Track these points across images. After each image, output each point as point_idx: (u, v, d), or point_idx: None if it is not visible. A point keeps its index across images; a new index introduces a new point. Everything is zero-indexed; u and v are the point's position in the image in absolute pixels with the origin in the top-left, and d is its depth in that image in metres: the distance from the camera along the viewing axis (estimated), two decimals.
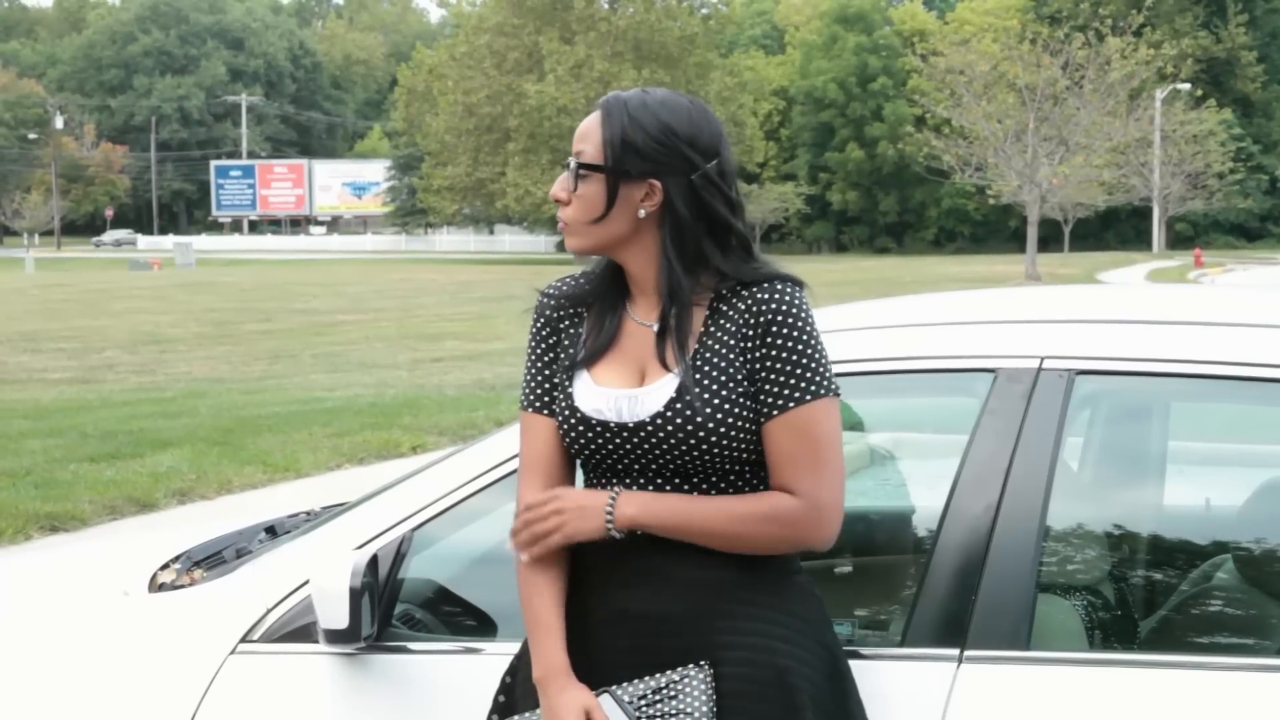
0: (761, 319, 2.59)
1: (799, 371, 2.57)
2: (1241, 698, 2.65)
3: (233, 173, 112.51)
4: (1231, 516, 3.54)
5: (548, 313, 2.76)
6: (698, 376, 2.58)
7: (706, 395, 2.57)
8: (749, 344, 2.59)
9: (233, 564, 3.41)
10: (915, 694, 2.73)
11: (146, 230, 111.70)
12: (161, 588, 3.40)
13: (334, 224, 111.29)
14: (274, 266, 64.05)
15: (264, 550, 3.42)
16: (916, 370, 3.09)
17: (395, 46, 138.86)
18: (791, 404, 2.56)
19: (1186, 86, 62.11)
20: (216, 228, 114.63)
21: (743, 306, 2.60)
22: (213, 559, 3.56)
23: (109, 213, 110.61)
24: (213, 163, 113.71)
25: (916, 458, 4.25)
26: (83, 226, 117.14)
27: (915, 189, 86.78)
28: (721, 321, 2.61)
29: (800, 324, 2.58)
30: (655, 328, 2.64)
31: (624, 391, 2.62)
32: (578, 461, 2.72)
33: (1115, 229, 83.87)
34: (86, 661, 3.19)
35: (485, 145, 72.17)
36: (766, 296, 2.60)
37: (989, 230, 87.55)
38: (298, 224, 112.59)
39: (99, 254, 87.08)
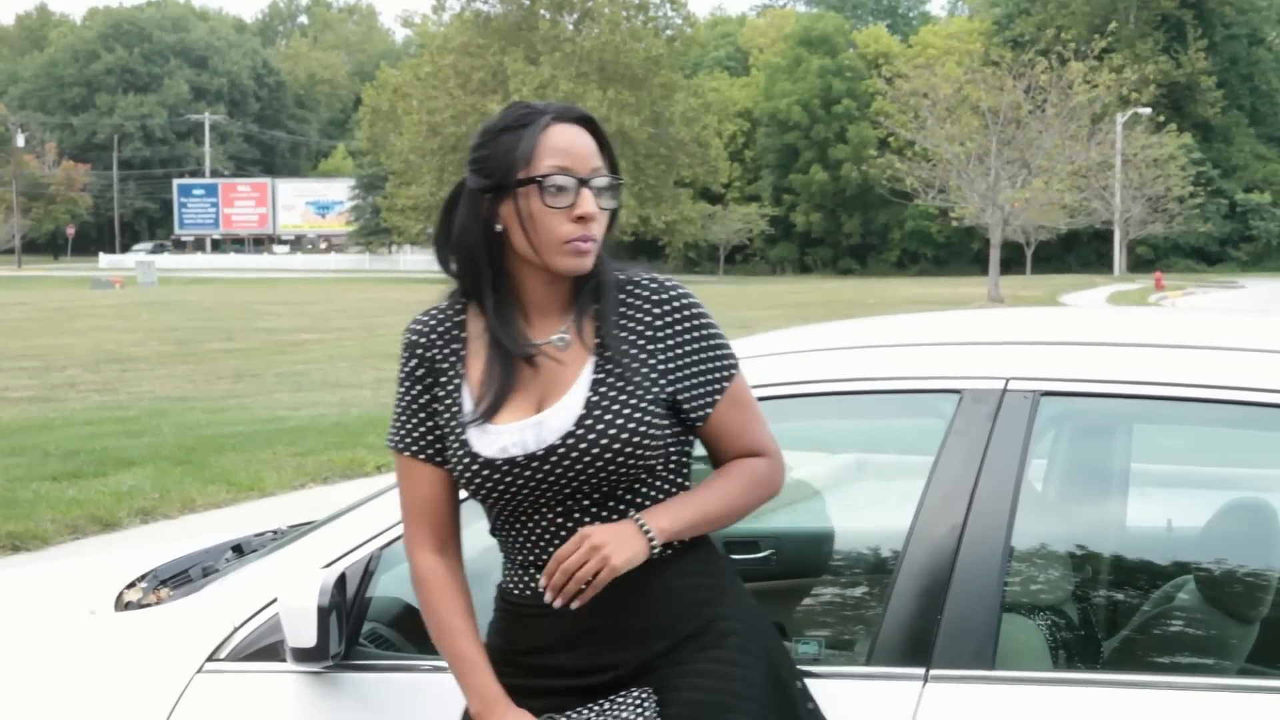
0: (668, 314, 2.63)
1: (721, 351, 2.65)
2: (1203, 717, 2.68)
3: (196, 191, 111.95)
4: (1193, 538, 3.57)
5: (419, 351, 2.69)
6: (611, 379, 2.58)
7: (624, 397, 2.57)
8: (663, 343, 2.62)
9: (199, 582, 3.40)
10: (881, 713, 2.75)
11: (108, 249, 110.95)
12: (128, 606, 3.38)
13: (297, 243, 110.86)
14: (237, 285, 63.79)
15: (231, 569, 3.42)
16: (882, 391, 3.11)
17: (359, 66, 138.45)
18: (727, 382, 2.64)
19: (1147, 111, 62.47)
20: (179, 246, 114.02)
21: (637, 303, 2.63)
22: (179, 577, 3.55)
23: (70, 231, 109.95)
24: (175, 181, 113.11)
25: (882, 478, 4.27)
26: (44, 245, 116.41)
27: (879, 211, 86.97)
28: (622, 321, 2.63)
29: (700, 307, 2.66)
30: (562, 338, 2.62)
31: (527, 422, 2.58)
32: (463, 503, 2.72)
33: (1077, 252, 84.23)
34: (52, 681, 3.18)
35: (449, 165, 72.00)
36: (658, 286, 2.65)
37: (952, 252, 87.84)
38: (261, 243, 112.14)
39: (61, 272, 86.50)
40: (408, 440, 2.68)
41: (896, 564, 2.88)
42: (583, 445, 2.53)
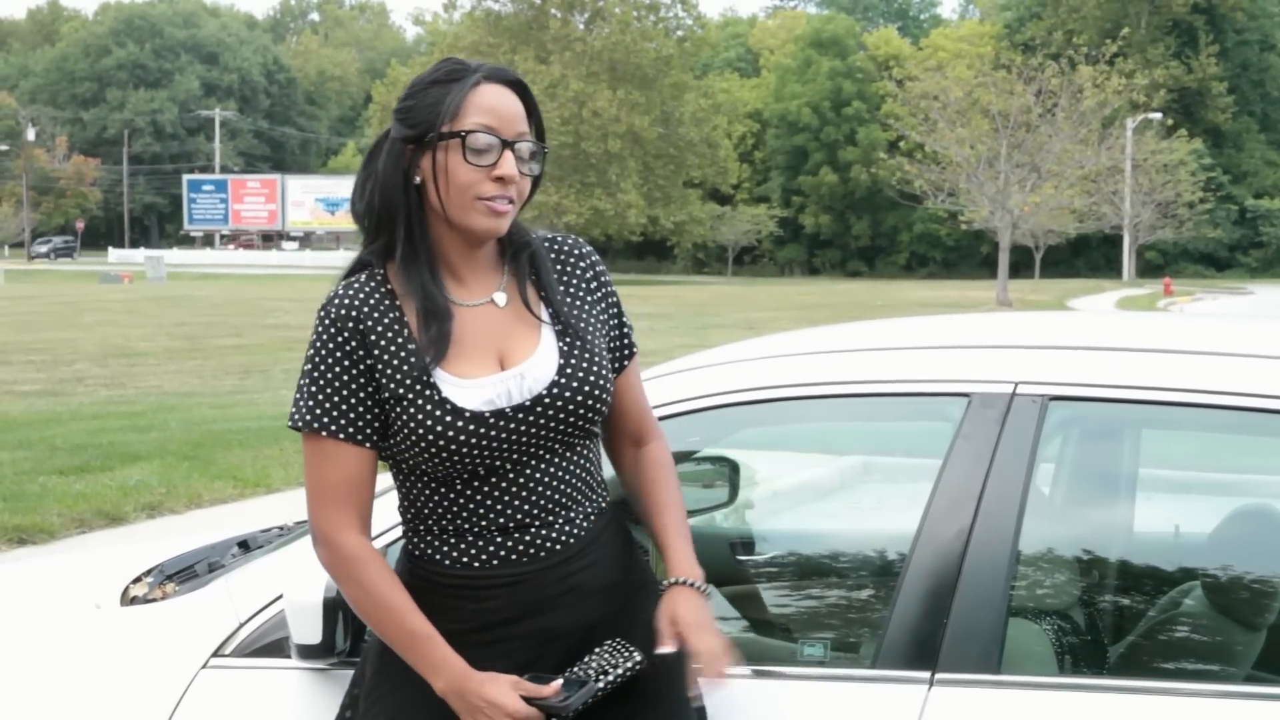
0: (590, 268, 2.70)
1: (625, 316, 2.74)
2: None
3: (205, 187, 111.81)
4: (1200, 543, 3.56)
5: (351, 323, 2.54)
6: (570, 335, 2.62)
7: (587, 351, 2.60)
8: (594, 295, 2.68)
9: (205, 578, 3.39)
10: (886, 716, 2.74)
11: (118, 244, 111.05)
12: (134, 601, 3.38)
13: (306, 239, 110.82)
14: (245, 281, 63.79)
15: (237, 564, 3.41)
16: (890, 394, 3.10)
17: (370, 63, 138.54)
18: (635, 346, 2.74)
19: (1158, 116, 62.45)
20: (188, 242, 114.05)
21: (565, 259, 2.69)
22: (185, 573, 3.54)
23: (79, 225, 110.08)
24: (185, 177, 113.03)
25: (889, 481, 4.26)
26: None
27: (888, 213, 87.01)
28: (559, 278, 2.67)
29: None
30: (501, 297, 2.61)
31: (506, 374, 2.54)
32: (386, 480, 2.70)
33: (1086, 256, 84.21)
34: (58, 674, 3.18)
35: None
36: (575, 243, 2.72)
37: (960, 255, 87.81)
38: (269, 239, 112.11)
39: (70, 266, 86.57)
40: (335, 421, 2.52)
41: (903, 567, 2.87)
42: (567, 393, 2.54)
